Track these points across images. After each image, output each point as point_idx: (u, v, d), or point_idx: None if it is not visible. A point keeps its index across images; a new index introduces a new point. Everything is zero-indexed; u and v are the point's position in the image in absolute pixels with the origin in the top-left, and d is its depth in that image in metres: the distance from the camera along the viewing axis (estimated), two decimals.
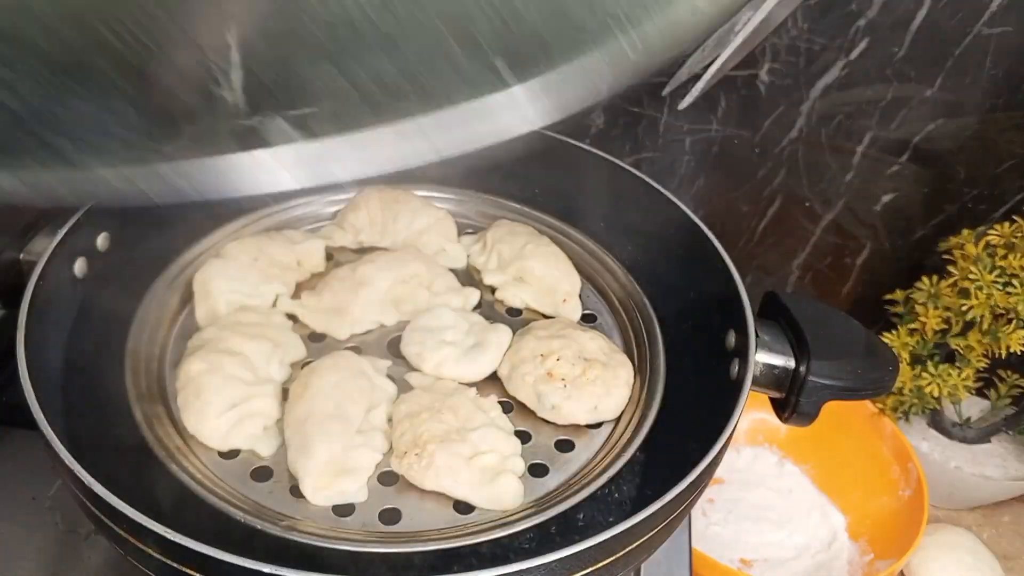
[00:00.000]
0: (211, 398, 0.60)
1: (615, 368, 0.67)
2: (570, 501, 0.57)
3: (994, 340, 0.89)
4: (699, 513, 0.95)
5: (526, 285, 0.76)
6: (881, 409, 0.97)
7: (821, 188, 0.94)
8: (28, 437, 0.74)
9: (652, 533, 0.51)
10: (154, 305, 0.70)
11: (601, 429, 0.66)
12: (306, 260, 0.76)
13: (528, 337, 0.69)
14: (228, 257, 0.72)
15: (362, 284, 0.71)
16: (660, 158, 0.94)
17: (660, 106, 0.89)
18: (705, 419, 0.59)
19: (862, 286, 1.02)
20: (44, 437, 0.49)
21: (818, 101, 0.87)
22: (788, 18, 0.80)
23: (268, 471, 0.59)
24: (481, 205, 0.86)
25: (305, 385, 0.61)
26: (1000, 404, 0.99)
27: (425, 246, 0.79)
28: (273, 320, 0.69)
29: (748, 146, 0.91)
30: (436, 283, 0.75)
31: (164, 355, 0.67)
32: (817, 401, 0.60)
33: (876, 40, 0.81)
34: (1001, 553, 0.98)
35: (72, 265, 0.64)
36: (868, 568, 0.89)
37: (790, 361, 0.61)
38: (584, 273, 0.79)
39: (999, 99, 0.84)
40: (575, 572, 0.48)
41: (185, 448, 0.59)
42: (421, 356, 0.67)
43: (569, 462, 0.63)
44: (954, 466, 0.96)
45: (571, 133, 0.87)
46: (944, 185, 0.91)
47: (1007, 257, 0.86)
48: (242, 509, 0.55)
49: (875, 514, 0.94)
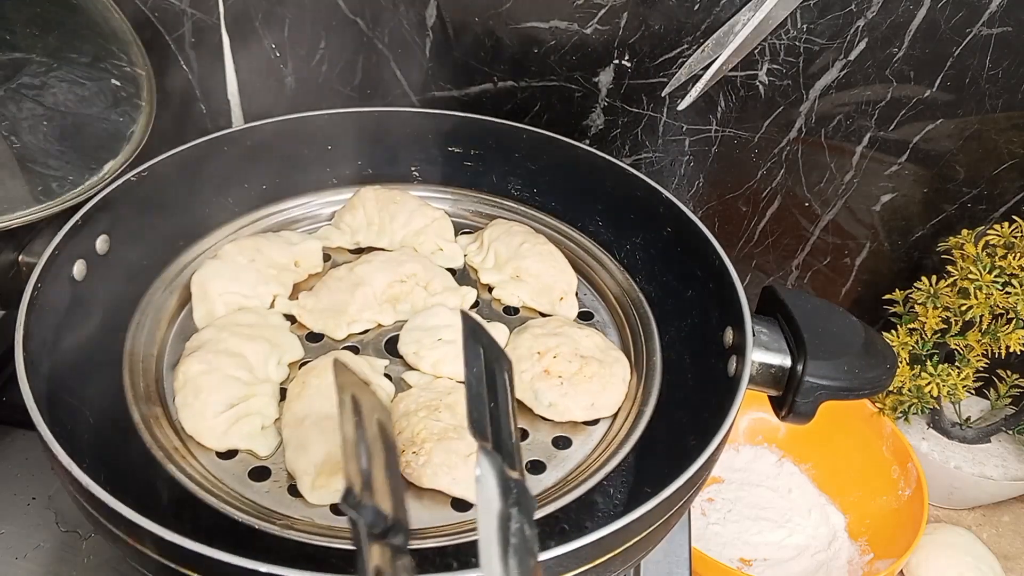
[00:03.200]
0: (209, 398, 0.60)
1: (611, 365, 0.67)
2: (568, 498, 0.57)
3: (993, 340, 0.89)
4: (698, 512, 0.95)
5: (523, 283, 0.76)
6: (880, 409, 0.97)
7: (820, 188, 0.94)
8: (28, 437, 0.75)
9: (650, 530, 0.51)
10: (152, 307, 0.70)
11: (598, 426, 0.66)
12: (303, 261, 0.76)
13: (525, 335, 0.69)
14: (225, 258, 0.72)
15: (359, 284, 0.72)
16: (659, 158, 0.94)
17: (660, 106, 0.90)
18: (702, 416, 0.59)
19: (861, 286, 1.02)
20: (42, 438, 0.49)
21: (817, 101, 0.87)
22: (787, 18, 0.80)
23: (266, 471, 0.59)
24: (477, 205, 0.87)
25: (303, 385, 0.61)
26: (1000, 404, 0.99)
27: (422, 246, 0.80)
28: (271, 321, 0.69)
29: (747, 146, 0.91)
30: (433, 282, 0.75)
31: (162, 356, 0.68)
32: (814, 401, 0.60)
33: (875, 40, 0.81)
34: (1001, 553, 0.97)
35: (71, 267, 0.64)
36: (868, 568, 0.89)
37: (787, 360, 0.61)
38: (580, 271, 0.80)
39: (999, 99, 0.84)
40: (573, 569, 0.48)
41: (183, 449, 0.60)
42: (418, 355, 0.67)
43: (566, 459, 0.63)
44: (954, 466, 0.96)
45: (571, 133, 0.88)
46: (943, 185, 0.91)
47: (1006, 257, 0.86)
48: (240, 509, 0.55)
49: (875, 514, 0.94)
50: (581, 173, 0.82)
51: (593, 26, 0.85)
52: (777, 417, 0.64)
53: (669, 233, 0.75)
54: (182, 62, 0.95)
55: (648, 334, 0.73)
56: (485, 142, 0.85)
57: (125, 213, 0.69)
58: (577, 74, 0.89)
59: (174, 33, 0.92)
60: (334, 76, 0.94)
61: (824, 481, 0.99)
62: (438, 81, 0.92)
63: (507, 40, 0.88)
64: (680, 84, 0.86)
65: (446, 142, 0.86)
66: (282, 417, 0.61)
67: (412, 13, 0.88)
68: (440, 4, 0.86)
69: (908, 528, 0.88)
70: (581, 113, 0.92)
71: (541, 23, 0.86)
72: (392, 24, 0.89)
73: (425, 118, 0.85)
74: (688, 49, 0.84)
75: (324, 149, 0.84)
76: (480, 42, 0.88)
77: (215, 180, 0.78)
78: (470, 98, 0.93)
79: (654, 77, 0.88)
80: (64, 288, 0.63)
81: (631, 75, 0.88)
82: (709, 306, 0.68)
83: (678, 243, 0.74)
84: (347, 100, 0.95)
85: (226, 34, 0.91)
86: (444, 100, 0.94)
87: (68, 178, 0.69)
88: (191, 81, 0.96)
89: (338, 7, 0.88)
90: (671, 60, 0.86)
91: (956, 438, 0.99)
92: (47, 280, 0.60)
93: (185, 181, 0.75)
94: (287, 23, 0.90)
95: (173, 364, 0.66)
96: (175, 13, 0.91)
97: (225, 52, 0.92)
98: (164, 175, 0.73)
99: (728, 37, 0.82)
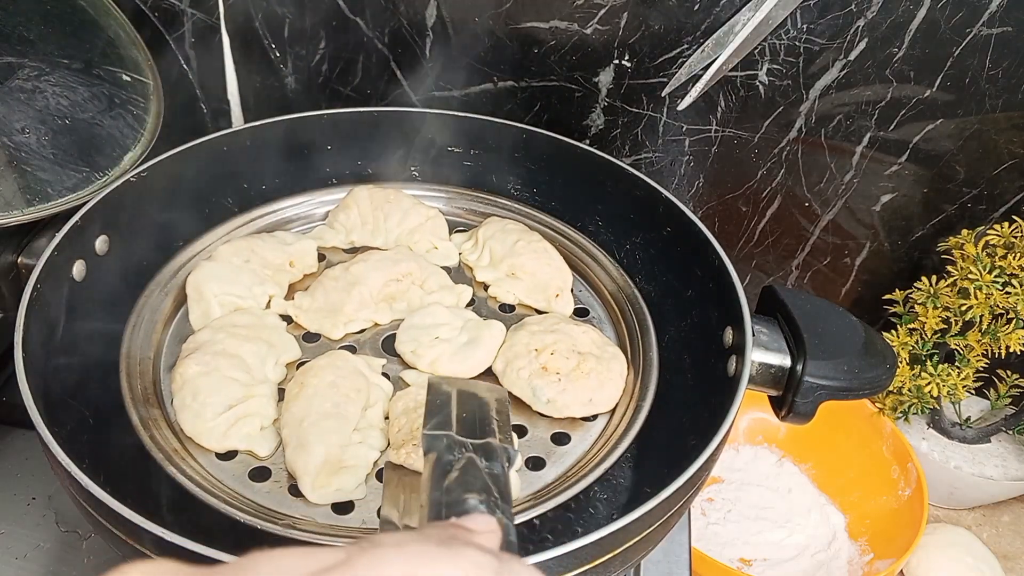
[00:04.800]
0: (208, 400, 0.60)
1: (608, 361, 0.67)
2: (568, 493, 0.58)
3: (993, 340, 0.89)
4: (698, 512, 0.95)
5: (518, 281, 0.76)
6: (880, 409, 0.97)
7: (820, 188, 0.94)
8: (28, 437, 0.75)
9: (650, 530, 0.51)
10: (148, 309, 0.70)
11: (596, 421, 0.66)
12: (298, 261, 0.76)
13: (522, 332, 0.69)
14: (220, 260, 0.72)
15: (355, 283, 0.72)
16: (659, 158, 0.94)
17: (660, 106, 0.90)
18: (702, 416, 0.59)
19: (861, 286, 1.02)
20: (42, 439, 0.49)
21: (817, 101, 0.87)
22: (787, 18, 0.80)
23: (266, 471, 0.59)
24: (471, 203, 0.87)
25: (301, 385, 0.61)
26: (1000, 404, 0.99)
27: (416, 244, 0.80)
28: (267, 321, 0.69)
29: (747, 146, 0.91)
30: (429, 281, 0.75)
31: (159, 358, 0.68)
32: (813, 401, 0.60)
33: (875, 40, 0.81)
34: (1001, 553, 0.97)
35: (71, 267, 0.64)
36: (868, 568, 0.89)
37: (786, 360, 0.61)
38: (576, 268, 0.80)
39: (999, 99, 0.84)
40: (573, 569, 0.48)
41: (183, 451, 0.60)
42: (416, 354, 0.68)
43: (565, 455, 0.63)
44: (954, 466, 0.96)
45: (571, 133, 0.88)
46: (943, 185, 0.91)
47: (1006, 257, 0.86)
48: (241, 509, 0.55)
49: (875, 514, 0.94)
50: (581, 173, 0.82)
51: (593, 26, 0.85)
52: (777, 417, 0.64)
53: (669, 233, 0.75)
54: (182, 62, 0.95)
55: (644, 330, 0.73)
56: (485, 142, 0.85)
57: (125, 213, 0.69)
58: (577, 74, 0.89)
59: (174, 33, 0.92)
60: (334, 76, 0.94)
61: (824, 481, 0.99)
62: (438, 81, 0.92)
63: (507, 40, 0.87)
64: (680, 84, 0.86)
65: (446, 142, 0.86)
66: (281, 417, 0.61)
67: (412, 13, 0.87)
68: (440, 4, 0.86)
69: (908, 528, 0.88)
70: (581, 113, 0.92)
71: (541, 23, 0.86)
72: (392, 24, 0.89)
73: (425, 118, 0.85)
74: (688, 49, 0.84)
75: (324, 149, 0.84)
76: (480, 42, 0.88)
77: (215, 180, 0.78)
78: (470, 98, 0.93)
79: (654, 77, 0.87)
80: (64, 289, 0.63)
81: (631, 75, 0.88)
82: (709, 306, 0.68)
83: (678, 243, 0.74)
84: (347, 100, 0.95)
85: (226, 34, 0.91)
86: (444, 100, 0.94)
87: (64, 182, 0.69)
88: (191, 81, 0.96)
89: (338, 7, 0.88)
90: (671, 60, 0.86)
91: (956, 438, 0.99)
92: (47, 280, 0.60)
93: (185, 181, 0.75)
94: (287, 23, 0.90)
95: (170, 366, 0.66)
96: (175, 13, 0.91)
97: (225, 52, 0.92)
98: (164, 175, 0.73)
99: (728, 37, 0.82)
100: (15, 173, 0.66)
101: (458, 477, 0.38)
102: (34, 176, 0.67)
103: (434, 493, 0.37)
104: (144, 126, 0.77)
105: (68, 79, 0.74)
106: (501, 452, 0.41)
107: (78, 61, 0.76)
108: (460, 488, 0.37)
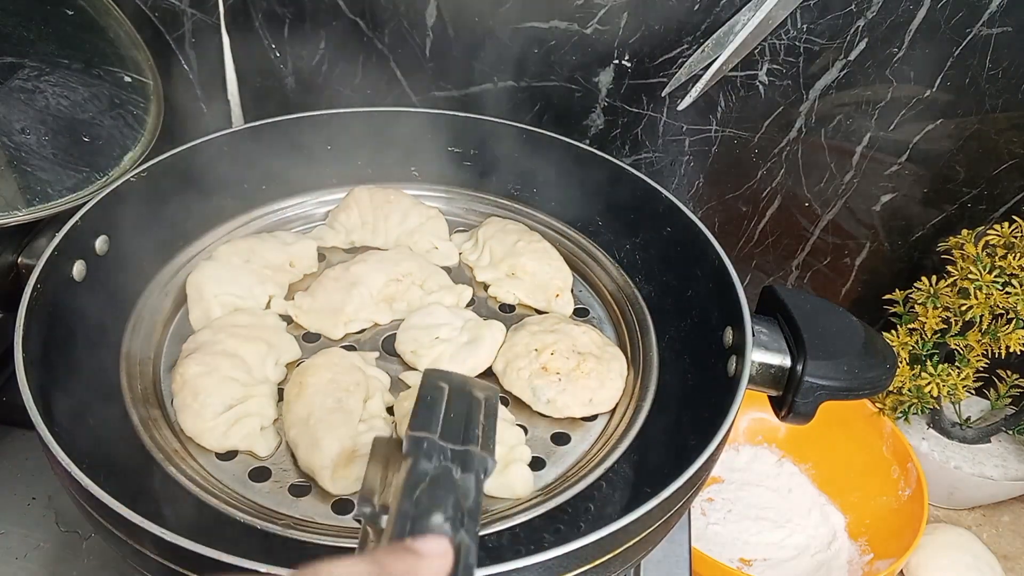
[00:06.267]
0: (208, 400, 0.60)
1: (608, 361, 0.68)
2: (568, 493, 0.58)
3: (993, 340, 0.89)
4: (698, 512, 0.95)
5: (518, 281, 0.76)
6: (880, 409, 0.97)
7: (820, 188, 0.94)
8: (28, 437, 0.75)
9: (650, 530, 0.51)
10: (148, 309, 0.70)
11: (596, 421, 0.66)
12: (298, 261, 0.76)
13: (522, 332, 0.69)
14: (220, 260, 0.72)
15: (355, 283, 0.72)
16: (659, 158, 0.94)
17: (660, 106, 0.90)
18: (702, 415, 0.59)
19: (861, 286, 1.02)
20: (42, 438, 0.49)
21: (817, 101, 0.87)
22: (787, 18, 0.80)
23: (266, 471, 0.59)
24: (471, 203, 0.87)
25: (300, 385, 0.61)
26: (1000, 404, 0.99)
27: (416, 244, 0.80)
28: (267, 321, 0.69)
29: (747, 146, 0.91)
30: (429, 281, 0.75)
31: (159, 358, 0.68)
32: (813, 401, 0.60)
33: (875, 40, 0.81)
34: (1001, 553, 0.97)
35: (71, 267, 0.64)
36: (868, 568, 0.89)
37: (786, 360, 0.61)
38: (576, 268, 0.80)
39: (998, 99, 0.84)
40: (573, 570, 0.48)
41: (183, 451, 0.60)
42: (416, 354, 0.68)
43: (566, 455, 0.63)
44: (954, 466, 0.96)
45: (571, 133, 0.88)
46: (943, 185, 0.91)
47: (1006, 257, 0.86)
48: (241, 509, 0.55)
49: (875, 514, 0.94)
50: (581, 173, 0.82)
51: (593, 26, 0.85)
52: (777, 417, 0.64)
53: (669, 233, 0.75)
54: (182, 62, 0.95)
55: (644, 330, 0.73)
56: (485, 142, 0.85)
57: (125, 213, 0.69)
58: (577, 74, 0.89)
59: (174, 33, 0.92)
60: (334, 76, 0.94)
61: (824, 481, 0.99)
62: (438, 81, 0.92)
63: (507, 40, 0.87)
64: (680, 84, 0.86)
65: (446, 142, 0.86)
66: (284, 420, 0.61)
67: (412, 13, 0.87)
68: (440, 4, 0.86)
69: (908, 528, 0.88)
70: (581, 113, 0.92)
71: (541, 23, 0.86)
72: (392, 24, 0.89)
73: (425, 118, 0.85)
74: (688, 49, 0.84)
75: (324, 149, 0.84)
76: (480, 42, 0.88)
77: (215, 180, 0.78)
78: (470, 98, 0.93)
79: (654, 77, 0.87)
80: (64, 289, 0.63)
81: (631, 75, 0.88)
82: (709, 306, 0.68)
83: (678, 243, 0.74)
84: (347, 100, 0.95)
85: (226, 34, 0.91)
86: (444, 100, 0.94)
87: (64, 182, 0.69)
88: (191, 81, 0.96)
89: (338, 7, 0.88)
90: (671, 60, 0.86)
91: (956, 438, 0.99)
92: (47, 280, 0.60)
93: (185, 181, 0.75)
94: (287, 23, 0.90)
95: (170, 366, 0.66)
96: (175, 13, 0.91)
97: (225, 52, 0.92)
98: (164, 175, 0.73)
99: (728, 37, 0.82)
100: (15, 173, 0.66)
101: (429, 490, 0.39)
102: (34, 176, 0.67)
103: (404, 504, 0.38)
104: (144, 126, 0.77)
105: (68, 79, 0.74)
106: (479, 463, 0.42)
107: (78, 61, 0.76)
108: (429, 502, 0.38)
